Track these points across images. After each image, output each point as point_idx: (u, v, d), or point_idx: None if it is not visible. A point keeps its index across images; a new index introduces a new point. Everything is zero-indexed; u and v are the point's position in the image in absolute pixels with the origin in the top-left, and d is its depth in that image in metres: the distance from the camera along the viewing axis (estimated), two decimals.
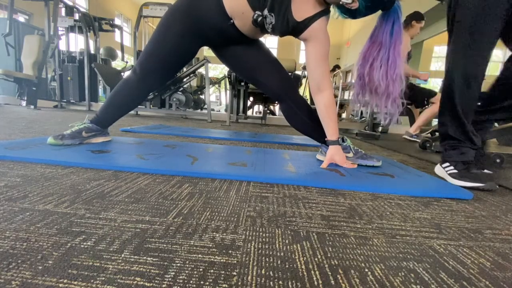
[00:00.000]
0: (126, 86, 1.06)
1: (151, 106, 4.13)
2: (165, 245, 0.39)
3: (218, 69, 15.56)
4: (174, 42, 0.96)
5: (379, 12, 0.90)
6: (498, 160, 1.34)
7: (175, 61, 1.02)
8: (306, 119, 1.08)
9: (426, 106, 2.65)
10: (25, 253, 0.34)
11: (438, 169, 0.98)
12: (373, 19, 0.93)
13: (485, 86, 1.45)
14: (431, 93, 2.59)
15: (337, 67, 5.54)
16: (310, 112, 1.08)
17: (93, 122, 1.11)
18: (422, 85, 2.80)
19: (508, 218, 0.62)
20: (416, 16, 2.54)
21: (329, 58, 0.98)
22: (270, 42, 12.15)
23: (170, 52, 0.98)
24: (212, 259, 0.36)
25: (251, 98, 4.15)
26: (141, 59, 1.02)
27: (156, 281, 0.31)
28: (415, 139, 2.58)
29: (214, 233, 0.44)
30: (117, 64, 5.94)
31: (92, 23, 4.51)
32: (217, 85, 8.15)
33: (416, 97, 2.65)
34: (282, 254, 0.39)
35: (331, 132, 1.00)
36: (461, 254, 0.43)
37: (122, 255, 0.36)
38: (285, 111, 1.12)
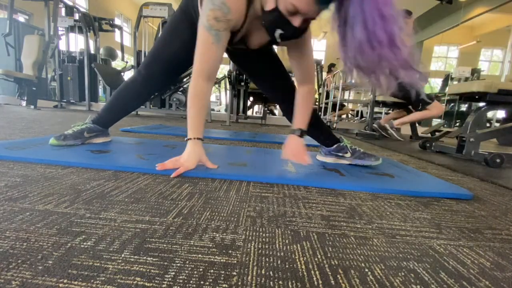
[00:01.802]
0: (130, 87, 1.07)
1: (151, 106, 4.13)
2: (165, 245, 0.39)
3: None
4: (180, 43, 0.96)
5: None
6: (498, 160, 1.34)
7: (181, 62, 1.02)
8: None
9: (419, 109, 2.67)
10: (25, 253, 0.34)
11: None
12: None
13: (486, 85, 1.45)
14: (428, 99, 2.60)
15: (332, 66, 5.54)
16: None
17: (94, 122, 1.11)
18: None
19: (508, 218, 0.62)
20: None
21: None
22: None
23: (176, 53, 0.98)
24: (212, 259, 0.36)
25: (251, 98, 4.16)
26: (146, 60, 1.02)
27: (156, 281, 0.31)
28: (392, 132, 2.58)
29: (214, 233, 0.44)
30: (117, 64, 5.93)
31: (92, 23, 4.51)
32: (217, 85, 8.14)
33: (413, 99, 2.66)
34: (282, 254, 0.39)
35: (297, 121, 0.95)
36: (461, 254, 0.43)
37: (122, 255, 0.36)
38: (284, 111, 1.12)
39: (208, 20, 0.71)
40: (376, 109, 3.70)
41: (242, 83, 3.46)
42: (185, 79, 3.80)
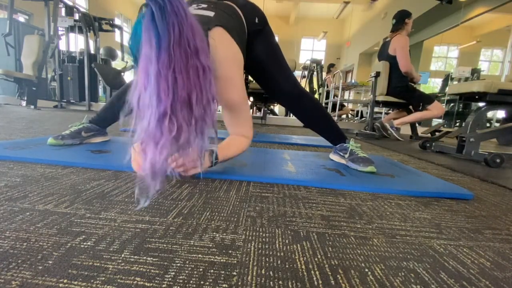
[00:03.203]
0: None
1: None
2: (165, 245, 0.39)
3: None
4: None
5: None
6: (498, 160, 1.34)
7: None
8: (320, 119, 1.10)
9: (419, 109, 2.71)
10: (25, 253, 0.34)
11: None
12: (371, 20, 0.85)
13: (486, 85, 1.45)
14: (428, 99, 2.62)
15: (332, 66, 5.55)
16: (319, 110, 1.09)
17: (92, 122, 1.11)
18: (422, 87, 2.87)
19: (508, 218, 0.62)
20: (406, 14, 2.61)
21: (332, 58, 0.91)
22: None
23: None
24: (212, 259, 0.36)
25: (251, 98, 4.15)
26: None
27: (156, 281, 0.31)
28: (392, 131, 2.63)
29: (214, 233, 0.44)
30: (117, 64, 5.93)
31: (92, 23, 4.51)
32: None
33: (414, 99, 2.68)
34: (282, 254, 0.39)
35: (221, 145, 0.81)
36: (461, 254, 0.43)
37: (122, 255, 0.36)
38: (291, 108, 1.12)
39: None
40: (376, 109, 3.70)
41: None
42: None
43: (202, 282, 0.31)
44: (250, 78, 1.16)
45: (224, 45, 0.74)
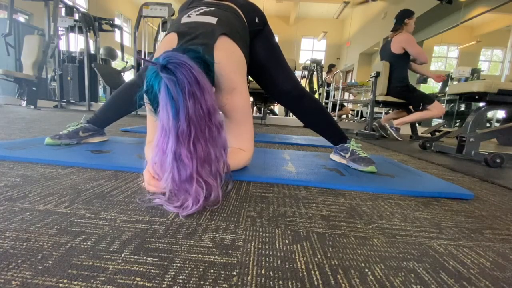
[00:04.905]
0: (130, 89, 1.07)
1: None
2: (165, 245, 0.39)
3: None
4: None
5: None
6: (498, 160, 1.34)
7: None
8: (319, 119, 1.10)
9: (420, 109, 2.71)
10: (25, 253, 0.34)
11: None
12: (371, 20, 0.85)
13: (486, 85, 1.45)
14: (429, 99, 2.62)
15: (332, 66, 5.56)
16: (320, 110, 1.09)
17: (90, 122, 1.11)
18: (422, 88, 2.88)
19: (508, 218, 0.62)
20: (406, 14, 2.60)
21: (334, 59, 0.89)
22: None
23: None
24: (212, 259, 0.36)
25: (251, 98, 4.15)
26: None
27: (156, 281, 0.31)
28: (391, 132, 2.63)
29: (214, 233, 0.44)
30: (117, 64, 5.94)
31: (92, 23, 4.51)
32: None
33: (414, 99, 2.68)
34: (282, 254, 0.39)
35: None
36: (461, 254, 0.43)
37: (122, 255, 0.36)
38: (291, 109, 1.12)
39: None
40: (376, 109, 3.70)
41: None
42: None
43: (202, 282, 0.31)
44: (250, 78, 1.15)
45: (229, 56, 0.73)
